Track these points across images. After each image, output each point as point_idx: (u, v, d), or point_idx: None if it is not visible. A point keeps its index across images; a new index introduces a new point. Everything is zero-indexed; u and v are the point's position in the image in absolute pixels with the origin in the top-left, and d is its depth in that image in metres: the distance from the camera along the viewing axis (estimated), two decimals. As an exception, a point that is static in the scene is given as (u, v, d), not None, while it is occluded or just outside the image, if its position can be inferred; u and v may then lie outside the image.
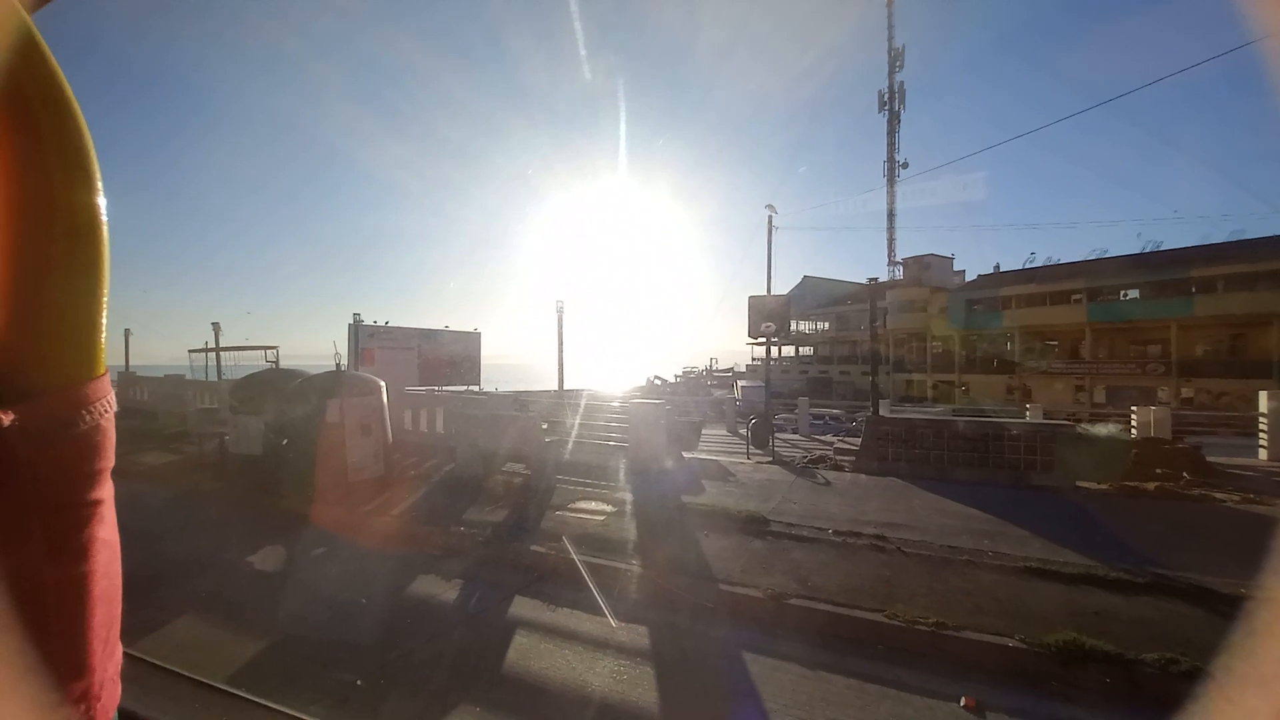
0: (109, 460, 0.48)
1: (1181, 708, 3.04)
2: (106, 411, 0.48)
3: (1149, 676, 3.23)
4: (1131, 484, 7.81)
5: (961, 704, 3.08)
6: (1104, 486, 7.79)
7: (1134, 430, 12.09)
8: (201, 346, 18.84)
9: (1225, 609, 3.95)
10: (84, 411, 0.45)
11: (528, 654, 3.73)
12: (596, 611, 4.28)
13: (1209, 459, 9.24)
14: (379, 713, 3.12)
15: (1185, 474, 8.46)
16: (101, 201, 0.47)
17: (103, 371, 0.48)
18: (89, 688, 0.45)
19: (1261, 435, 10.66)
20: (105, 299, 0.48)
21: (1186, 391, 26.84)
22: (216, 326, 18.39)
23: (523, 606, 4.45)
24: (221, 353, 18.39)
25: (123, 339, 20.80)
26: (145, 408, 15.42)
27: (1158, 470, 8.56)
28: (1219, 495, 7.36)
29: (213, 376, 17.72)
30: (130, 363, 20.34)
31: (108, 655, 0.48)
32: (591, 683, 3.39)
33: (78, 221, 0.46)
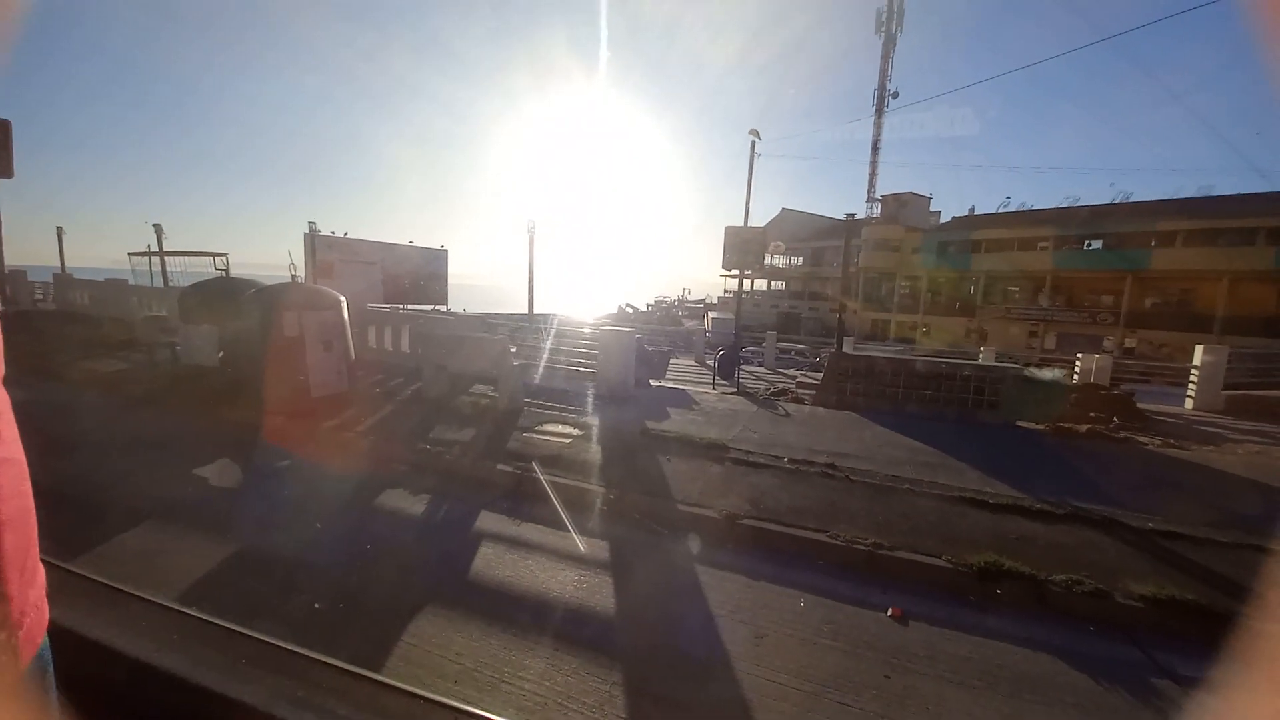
0: None
1: (1083, 619, 3.44)
2: None
3: (1055, 594, 3.60)
4: (1066, 425, 8.35)
5: (889, 614, 3.40)
6: (1041, 427, 8.32)
7: (1076, 376, 12.80)
8: (144, 250, 17.68)
9: (1131, 538, 4.38)
10: None
11: (493, 563, 3.90)
12: (560, 527, 4.47)
13: (1140, 405, 9.92)
14: (346, 617, 3.25)
15: (1116, 418, 9.09)
16: None
17: None
18: (9, 614, 0.43)
19: (1191, 385, 11.43)
20: None
21: (1130, 342, 28.34)
22: (159, 229, 17.20)
23: (488, 521, 4.60)
24: (166, 257, 17.31)
25: (55, 238, 19.33)
26: (86, 313, 14.60)
27: (1092, 414, 9.17)
28: (1142, 439, 7.96)
29: (156, 282, 16.78)
30: (66, 264, 19.04)
31: (27, 582, 0.45)
32: (554, 590, 3.59)
33: None
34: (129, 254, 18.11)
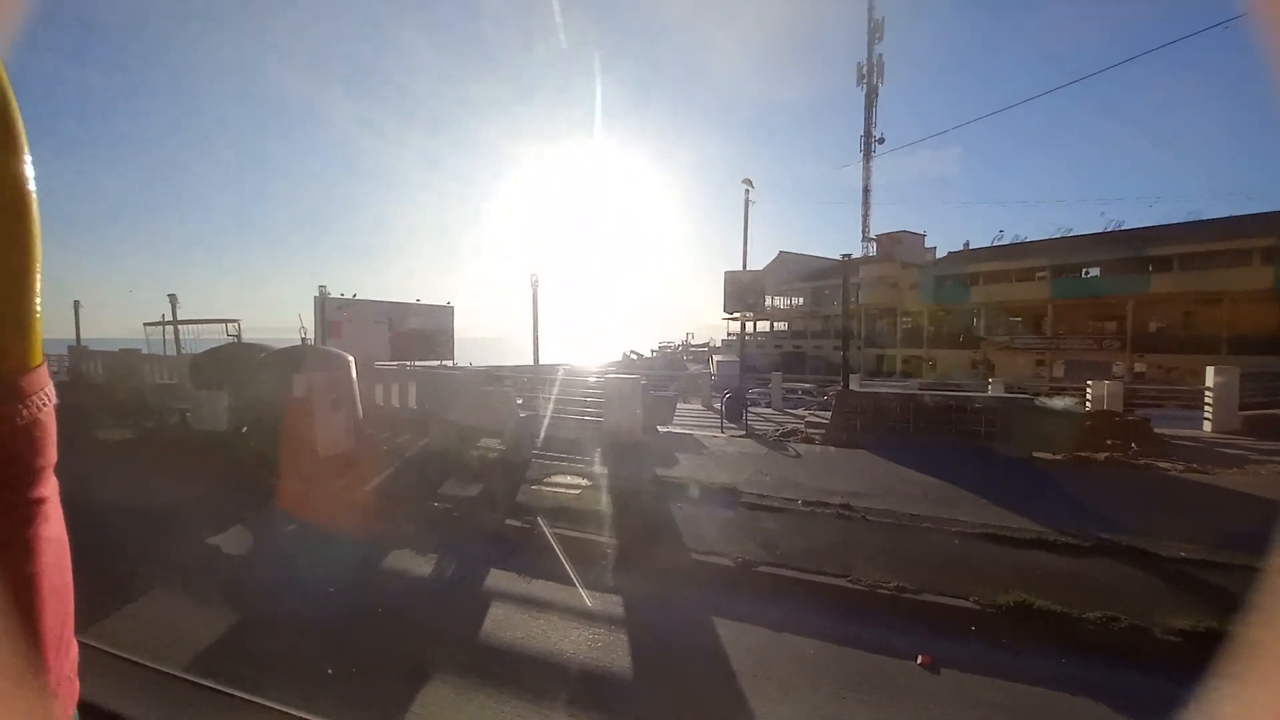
0: (50, 456, 0.46)
1: (1122, 658, 3.28)
2: (45, 405, 0.45)
3: (1091, 632, 3.45)
4: (1083, 454, 8.20)
5: (918, 662, 3.25)
6: (1058, 457, 8.16)
7: (1089, 403, 12.65)
8: (158, 320, 18.07)
9: (1163, 570, 4.22)
10: (20, 407, 0.42)
11: (503, 625, 3.79)
12: (571, 582, 4.35)
13: (1157, 430, 9.75)
14: (355, 687, 3.15)
15: (1134, 445, 8.92)
16: (29, 171, 0.42)
17: (39, 362, 0.45)
18: (45, 685, 0.44)
19: (1207, 408, 11.25)
20: (38, 281, 0.43)
21: (1139, 366, 28.09)
22: (174, 299, 17.65)
23: (498, 579, 4.49)
24: (180, 326, 17.68)
25: (72, 311, 19.84)
26: (99, 383, 14.81)
27: (1109, 441, 9.00)
28: (1163, 465, 7.79)
29: (170, 350, 17.07)
30: (82, 336, 19.45)
31: (63, 653, 0.47)
32: (567, 651, 3.47)
33: (3, 195, 0.41)
34: (144, 324, 18.50)
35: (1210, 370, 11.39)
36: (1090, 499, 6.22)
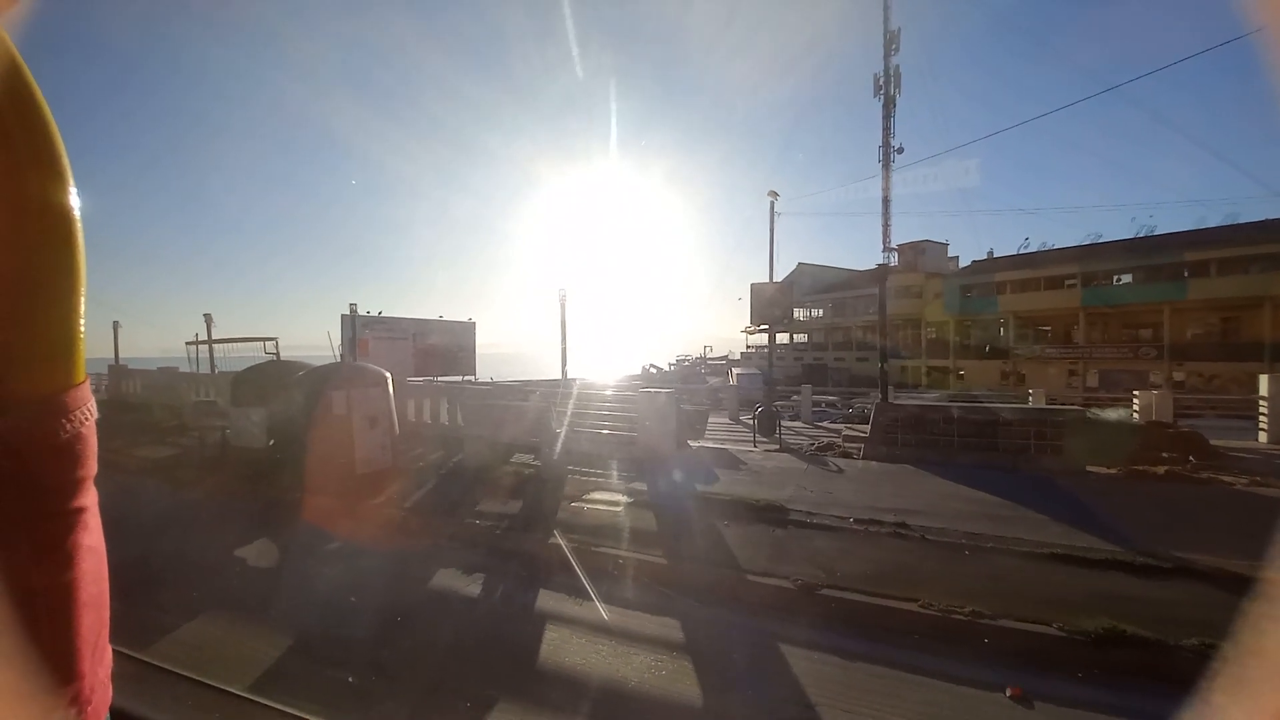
0: (91, 468, 0.48)
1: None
2: (87, 420, 0.47)
3: (1187, 661, 3.23)
4: (1139, 468, 7.86)
5: (1008, 694, 3.06)
6: (1113, 471, 7.84)
7: (1135, 414, 12.21)
8: (197, 339, 18.49)
9: (1256, 592, 3.96)
10: (64, 421, 0.45)
11: (559, 648, 3.68)
12: (626, 605, 4.24)
13: (1211, 442, 9.33)
14: (406, 713, 3.06)
15: (1191, 457, 8.54)
16: (75, 201, 0.45)
17: (82, 379, 0.48)
18: (79, 691, 0.46)
19: (1262, 418, 10.77)
20: (83, 304, 0.46)
21: (1178, 375, 27.18)
22: (209, 318, 18.06)
23: (549, 600, 4.39)
24: (218, 344, 18.07)
25: (111, 331, 20.41)
26: (138, 401, 15.15)
27: (1163, 454, 8.64)
28: (1226, 478, 7.43)
29: (206, 369, 17.41)
30: (120, 355, 19.97)
31: (97, 659, 0.49)
32: (629, 677, 3.34)
33: (51, 223, 0.44)
34: (185, 343, 18.94)
35: (1264, 379, 10.91)
36: (1157, 515, 5.93)
